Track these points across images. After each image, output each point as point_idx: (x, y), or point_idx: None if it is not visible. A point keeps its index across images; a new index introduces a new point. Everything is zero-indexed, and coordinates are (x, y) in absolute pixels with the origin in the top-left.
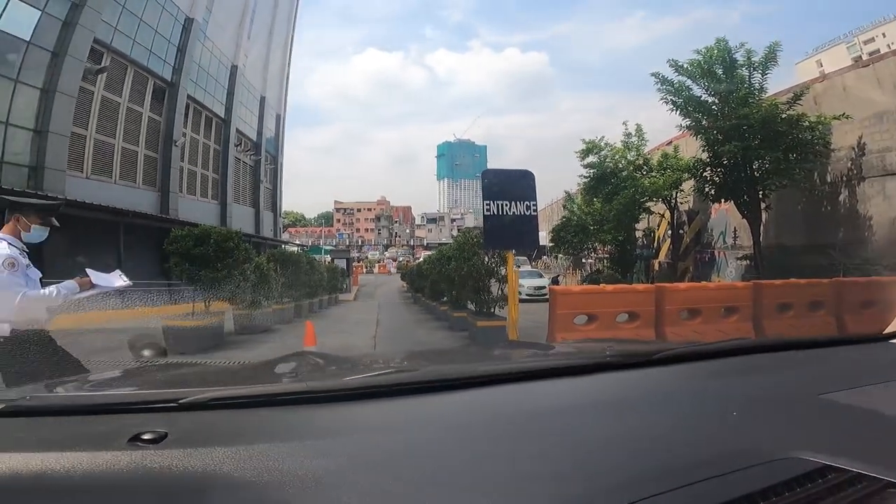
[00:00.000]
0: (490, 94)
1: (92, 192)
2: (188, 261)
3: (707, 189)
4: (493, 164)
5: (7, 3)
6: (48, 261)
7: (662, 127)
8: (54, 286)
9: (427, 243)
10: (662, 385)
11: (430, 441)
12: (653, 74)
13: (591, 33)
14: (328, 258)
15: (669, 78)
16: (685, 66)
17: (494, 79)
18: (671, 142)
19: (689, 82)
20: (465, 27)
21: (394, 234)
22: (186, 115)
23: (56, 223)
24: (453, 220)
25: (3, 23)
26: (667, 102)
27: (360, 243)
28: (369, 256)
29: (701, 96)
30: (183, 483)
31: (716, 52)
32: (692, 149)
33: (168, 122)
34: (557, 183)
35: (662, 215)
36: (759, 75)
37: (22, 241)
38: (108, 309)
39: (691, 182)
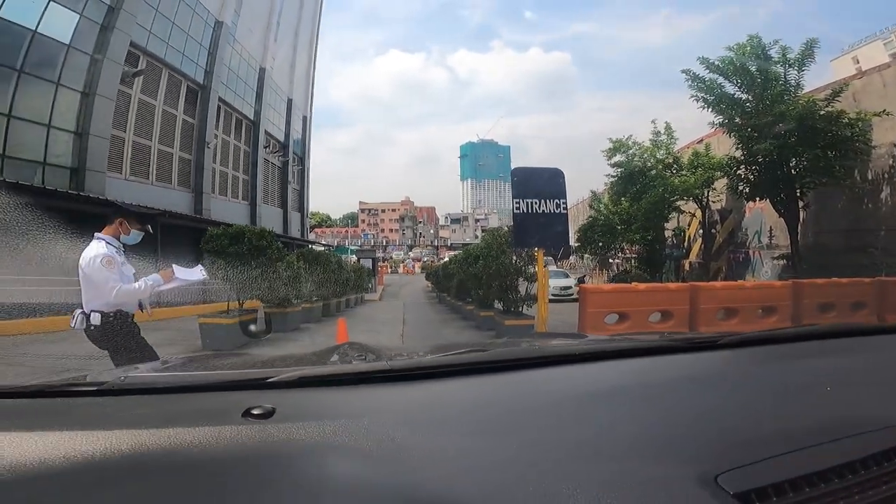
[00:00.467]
0: (513, 94)
1: (131, 193)
2: (224, 259)
3: (741, 187)
4: (516, 164)
5: (46, 7)
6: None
7: (692, 125)
8: (142, 280)
9: (451, 243)
10: (738, 366)
11: (520, 414)
12: (683, 71)
13: (613, 32)
14: (354, 258)
15: (700, 75)
16: (716, 63)
17: (517, 79)
18: (702, 140)
19: (720, 79)
20: (486, 27)
21: (418, 234)
22: (218, 117)
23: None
24: (477, 221)
25: (44, 26)
26: (698, 100)
27: (384, 244)
28: (394, 257)
29: (734, 93)
30: (296, 455)
31: (748, 48)
32: (724, 147)
33: (201, 124)
34: (582, 183)
35: (693, 214)
36: (795, 72)
37: (120, 241)
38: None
39: (724, 180)
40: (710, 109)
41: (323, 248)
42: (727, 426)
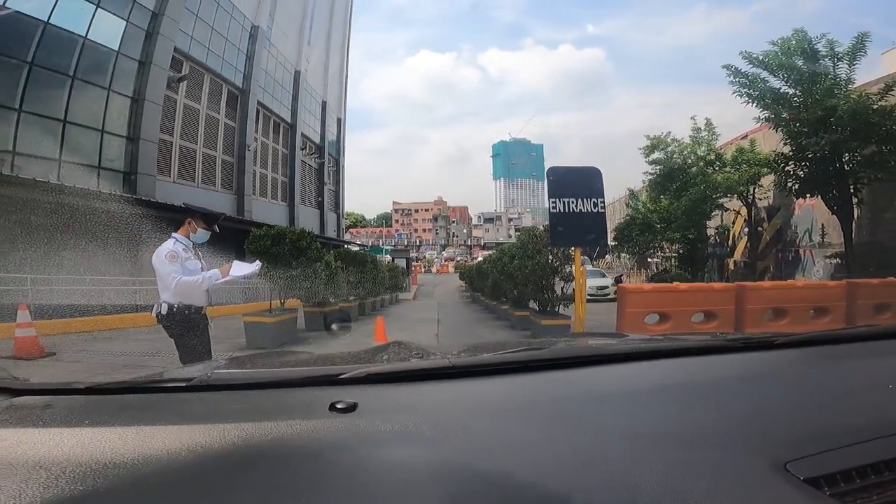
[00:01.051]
0: (545, 92)
1: (178, 196)
2: (266, 259)
3: (790, 184)
4: (549, 162)
5: (94, 13)
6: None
7: (734, 121)
8: (202, 274)
9: (484, 243)
10: (796, 366)
11: (584, 407)
12: (724, 67)
13: (648, 28)
14: (388, 258)
15: (743, 70)
16: (760, 57)
17: (549, 76)
18: (746, 135)
19: (764, 74)
20: (516, 26)
21: (451, 233)
22: (257, 120)
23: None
24: (510, 220)
25: (93, 33)
26: (741, 95)
27: (418, 243)
28: (427, 256)
29: (780, 88)
30: (384, 445)
31: (794, 42)
32: (771, 142)
33: (241, 127)
34: (618, 181)
35: (738, 212)
36: (846, 66)
37: (189, 240)
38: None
39: (771, 177)
40: (754, 105)
41: (358, 248)
42: (791, 420)
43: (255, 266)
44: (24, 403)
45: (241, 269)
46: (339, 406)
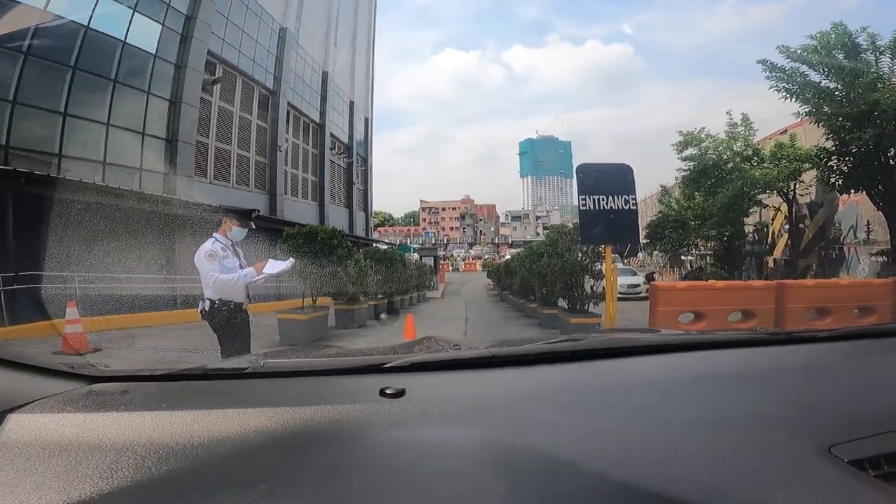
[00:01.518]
0: (572, 89)
1: (214, 196)
2: (298, 257)
3: (833, 179)
4: (577, 159)
5: (132, 18)
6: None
7: (770, 116)
8: (238, 272)
9: (512, 241)
10: (841, 358)
11: (627, 395)
12: (760, 62)
13: (677, 22)
14: (416, 256)
15: (780, 65)
16: (798, 52)
17: (575, 73)
18: (786, 130)
19: (803, 69)
20: (540, 22)
21: (478, 232)
22: (287, 121)
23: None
24: (538, 218)
25: (131, 37)
26: (779, 90)
27: (445, 242)
28: (454, 254)
29: (820, 82)
30: (436, 426)
31: (833, 37)
32: (812, 137)
33: (272, 128)
34: (649, 177)
35: (778, 208)
36: (888, 59)
37: (228, 238)
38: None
39: (812, 172)
40: (793, 100)
41: (387, 247)
42: (835, 408)
43: (289, 263)
44: (103, 389)
45: (275, 266)
46: (388, 392)
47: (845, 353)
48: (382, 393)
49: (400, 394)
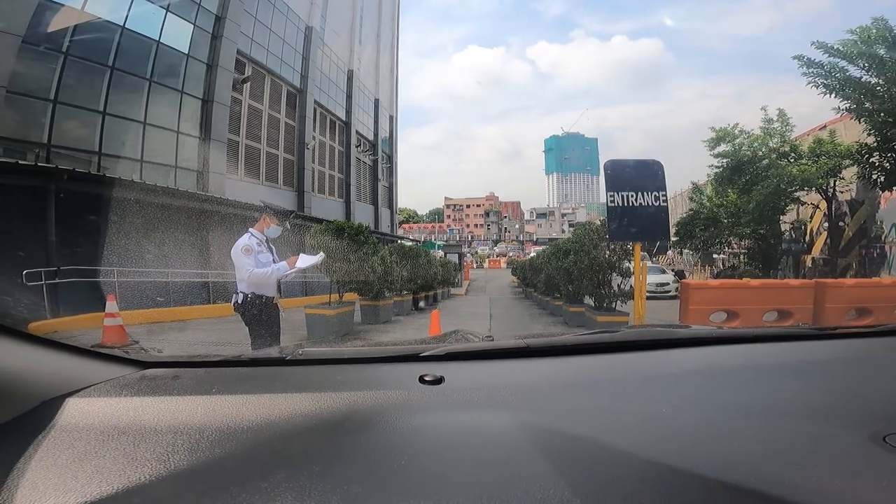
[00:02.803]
0: (598, 85)
1: (245, 193)
2: (326, 253)
3: (875, 176)
4: (604, 156)
5: (165, 18)
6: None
7: (808, 111)
8: (271, 266)
9: (537, 238)
10: (889, 352)
11: (661, 385)
12: (795, 57)
13: (710, 16)
14: (440, 253)
15: (818, 60)
16: (837, 47)
17: (602, 69)
18: (825, 126)
19: (843, 63)
20: (564, 18)
21: (503, 229)
22: (314, 119)
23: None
24: (564, 215)
25: (165, 37)
26: (817, 86)
27: (470, 239)
28: (479, 252)
29: (861, 77)
30: (475, 410)
31: (874, 31)
32: (852, 133)
33: (300, 126)
34: (678, 174)
35: (817, 206)
36: None
37: (264, 234)
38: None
39: (853, 169)
40: (833, 95)
41: (412, 244)
42: (887, 399)
43: (319, 257)
44: (155, 374)
45: (306, 260)
46: (427, 378)
47: (891, 348)
48: (422, 380)
49: (439, 381)
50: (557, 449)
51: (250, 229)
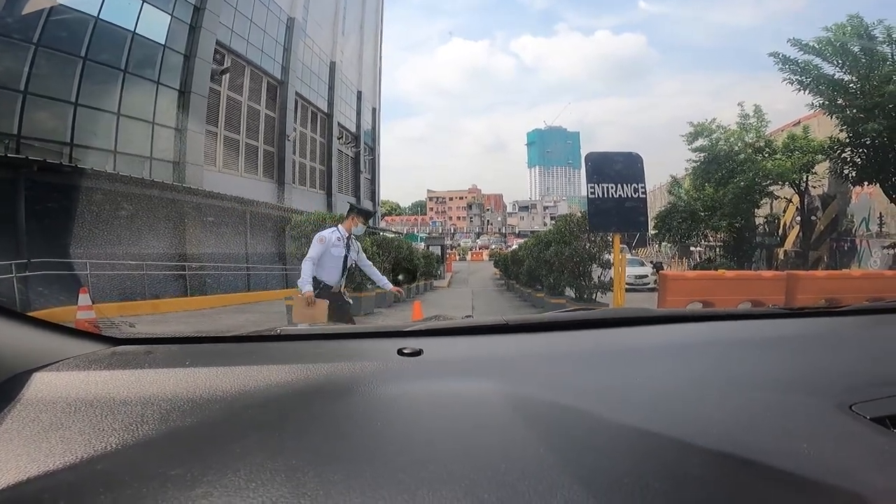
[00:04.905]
0: (581, 80)
1: (223, 184)
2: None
3: (847, 171)
4: (586, 150)
5: (141, 8)
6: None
7: (784, 107)
8: (314, 260)
9: (519, 231)
10: (855, 328)
11: (636, 359)
12: (771, 55)
13: (692, 13)
14: (423, 246)
15: (793, 57)
16: (813, 44)
17: (585, 63)
18: (799, 122)
19: (816, 60)
20: (548, 12)
21: (485, 221)
22: (295, 110)
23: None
24: (545, 208)
25: (140, 27)
26: (792, 83)
27: (452, 231)
28: (462, 244)
29: (834, 74)
30: (452, 380)
31: (849, 28)
32: (825, 129)
33: (281, 118)
34: (658, 168)
35: (790, 200)
36: None
37: (350, 232)
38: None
39: (825, 164)
40: (807, 91)
41: (394, 236)
42: (853, 371)
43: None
44: (127, 350)
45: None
46: (405, 351)
47: (861, 325)
48: (400, 353)
49: (417, 353)
50: (535, 414)
51: (338, 226)
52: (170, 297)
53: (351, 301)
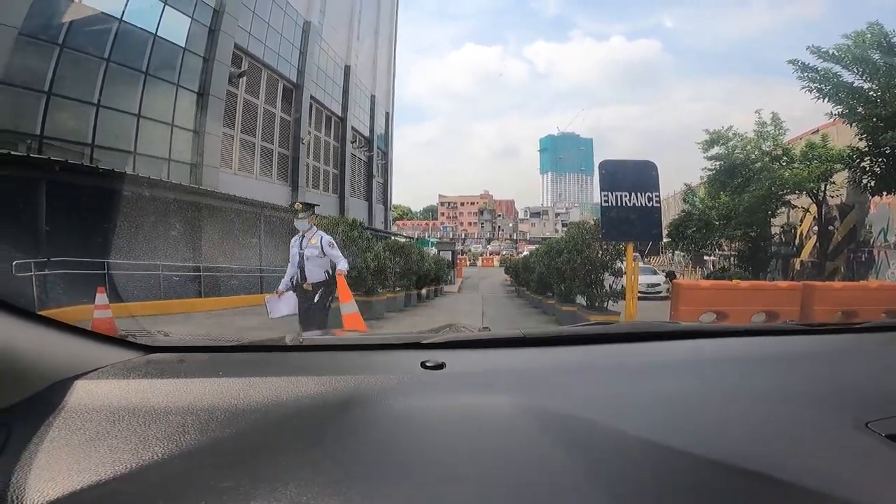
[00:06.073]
0: (595, 85)
1: (238, 187)
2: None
3: (865, 181)
4: (599, 157)
5: (163, 11)
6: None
7: (801, 115)
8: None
9: (530, 237)
10: (873, 346)
11: (653, 373)
12: (790, 62)
13: (707, 19)
14: (434, 250)
15: (812, 65)
16: (832, 52)
17: (599, 69)
18: (818, 130)
19: (836, 68)
20: (562, 18)
21: (496, 227)
22: (310, 114)
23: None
24: (557, 215)
25: (162, 30)
26: (811, 90)
27: (463, 237)
28: (472, 249)
29: (853, 83)
30: (476, 393)
31: (869, 36)
32: (844, 137)
33: (295, 121)
34: (672, 176)
35: (807, 209)
36: None
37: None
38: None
39: (844, 173)
40: (826, 100)
41: (405, 240)
42: (871, 389)
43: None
44: (161, 359)
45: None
46: (428, 364)
47: (878, 342)
48: (423, 365)
49: (440, 366)
50: (556, 428)
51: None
52: (184, 299)
53: (326, 304)
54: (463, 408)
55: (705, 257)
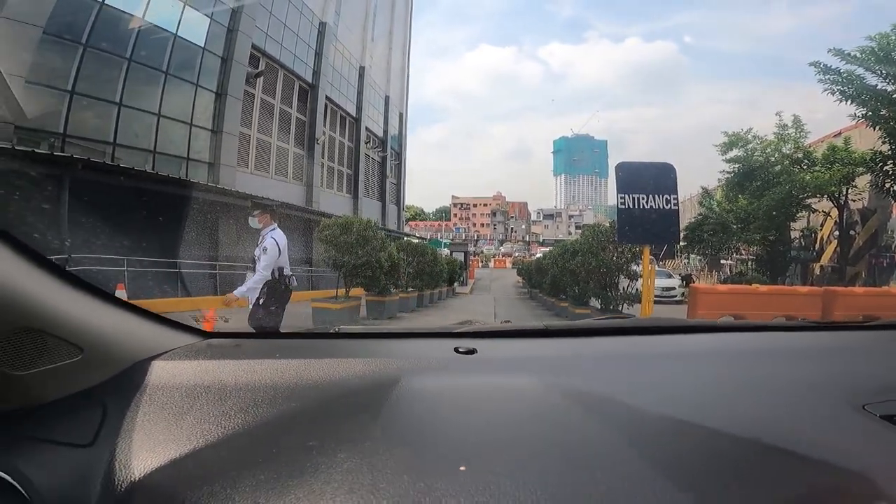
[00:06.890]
0: (610, 87)
1: (254, 186)
2: (335, 247)
3: (888, 184)
4: (614, 159)
5: (182, 11)
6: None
7: (823, 117)
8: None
9: (543, 239)
10: (878, 342)
11: (669, 365)
12: (812, 64)
13: (726, 20)
14: (447, 251)
15: (834, 67)
16: (855, 54)
17: (614, 71)
18: (840, 132)
19: (859, 70)
20: (578, 19)
21: (509, 229)
22: (325, 114)
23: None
24: (571, 217)
25: (182, 30)
26: (833, 93)
27: (476, 238)
28: (485, 251)
29: (877, 85)
30: (503, 378)
31: (893, 38)
32: (868, 140)
33: (311, 121)
34: (688, 179)
35: (828, 213)
36: None
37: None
38: None
39: (867, 177)
40: (849, 102)
41: (418, 241)
42: (868, 378)
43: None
44: (220, 343)
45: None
46: (461, 350)
47: (881, 339)
48: (456, 350)
49: (472, 352)
50: (581, 406)
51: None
52: (201, 297)
53: (269, 307)
54: (495, 387)
55: (722, 261)
